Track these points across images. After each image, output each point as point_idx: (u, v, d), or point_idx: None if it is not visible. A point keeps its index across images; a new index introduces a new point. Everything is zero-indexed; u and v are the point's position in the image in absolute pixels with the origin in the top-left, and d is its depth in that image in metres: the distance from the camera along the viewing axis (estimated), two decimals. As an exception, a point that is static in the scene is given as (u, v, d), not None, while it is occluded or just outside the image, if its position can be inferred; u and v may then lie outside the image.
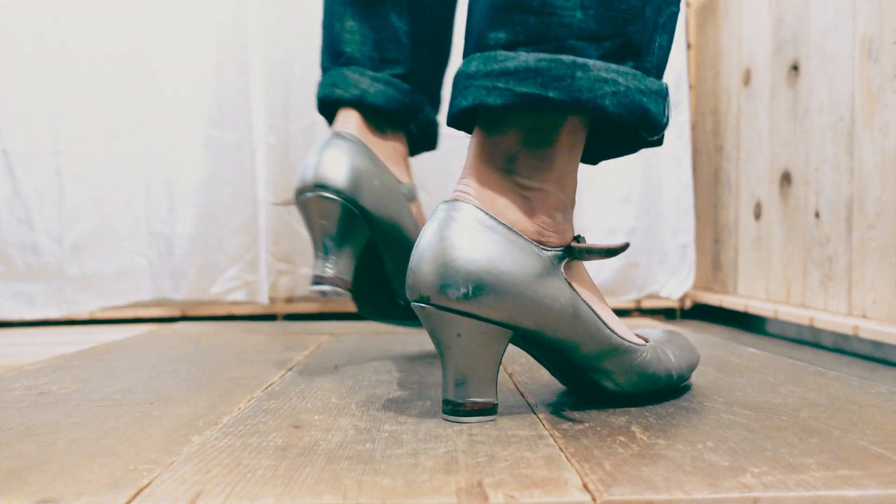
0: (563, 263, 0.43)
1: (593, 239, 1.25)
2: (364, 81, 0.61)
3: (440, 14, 0.66)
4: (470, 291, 0.40)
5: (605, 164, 0.54)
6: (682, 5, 1.28)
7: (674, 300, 1.29)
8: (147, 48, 1.16)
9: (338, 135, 0.59)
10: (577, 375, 0.47)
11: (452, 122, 0.46)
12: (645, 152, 1.25)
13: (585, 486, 0.31)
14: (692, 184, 1.29)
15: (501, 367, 0.63)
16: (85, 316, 1.19)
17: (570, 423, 0.42)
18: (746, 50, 1.14)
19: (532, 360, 0.66)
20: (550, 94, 0.40)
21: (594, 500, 0.29)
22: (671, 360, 0.49)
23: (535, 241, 0.43)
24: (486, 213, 0.42)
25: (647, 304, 1.28)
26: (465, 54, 0.45)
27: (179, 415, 0.45)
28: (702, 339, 0.81)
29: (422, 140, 0.68)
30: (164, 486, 0.31)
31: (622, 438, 0.38)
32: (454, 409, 0.42)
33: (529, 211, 0.43)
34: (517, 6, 0.41)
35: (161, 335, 0.91)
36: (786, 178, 1.02)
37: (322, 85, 0.64)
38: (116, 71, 1.16)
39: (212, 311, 1.21)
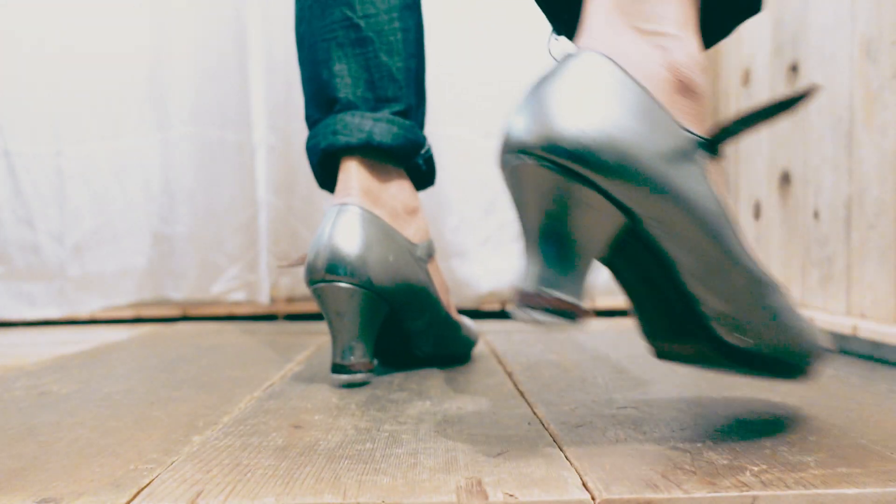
0: (707, 157, 0.34)
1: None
2: (367, 123, 0.58)
3: (419, 47, 0.64)
4: (588, 152, 0.31)
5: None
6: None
7: (674, 300, 1.29)
8: (147, 48, 1.16)
9: (344, 210, 0.56)
10: (676, 308, 0.36)
11: None
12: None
13: (585, 485, 0.31)
14: (692, 184, 1.29)
15: (502, 367, 0.63)
16: (86, 316, 1.19)
17: (569, 422, 0.42)
18: (746, 50, 1.14)
19: (531, 360, 0.66)
20: None
21: (593, 498, 0.29)
22: (805, 322, 0.37)
23: (671, 113, 0.34)
24: (617, 65, 0.33)
25: (646, 304, 1.28)
26: None
27: (179, 415, 0.45)
28: (701, 339, 0.81)
29: (427, 175, 0.65)
30: (164, 485, 0.31)
31: (621, 437, 0.39)
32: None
33: (668, 65, 0.35)
34: None
35: (161, 335, 0.91)
36: (785, 179, 1.03)
37: (320, 135, 0.60)
38: (117, 71, 1.16)
39: (212, 311, 1.21)
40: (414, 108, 0.63)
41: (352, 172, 0.58)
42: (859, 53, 0.85)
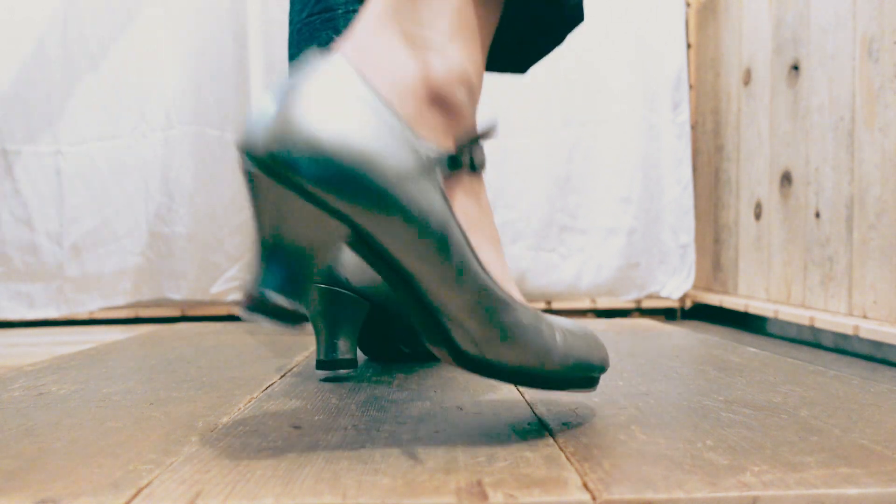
0: (444, 170, 0.34)
1: (592, 241, 1.25)
2: None
3: None
4: (315, 168, 0.30)
5: (604, 164, 0.54)
6: (682, 5, 1.28)
7: (674, 300, 1.29)
8: (147, 48, 1.16)
9: None
10: (423, 316, 0.36)
11: None
12: (645, 153, 1.25)
13: (585, 485, 0.31)
14: (692, 184, 1.29)
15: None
16: (85, 316, 1.19)
17: (570, 422, 0.42)
18: (746, 50, 1.14)
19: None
20: None
21: (594, 499, 0.29)
22: (556, 341, 0.38)
23: (412, 127, 0.33)
24: (355, 70, 0.33)
25: (647, 304, 1.28)
26: None
27: (179, 415, 0.45)
28: (702, 339, 0.81)
29: None
30: (163, 486, 0.31)
31: (622, 437, 0.38)
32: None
33: (422, 76, 0.34)
34: None
35: (161, 335, 0.90)
36: (786, 178, 1.02)
37: None
38: (117, 71, 1.16)
39: (212, 311, 1.21)
40: None
41: None
42: (860, 53, 0.85)
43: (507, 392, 0.51)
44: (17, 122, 1.15)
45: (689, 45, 1.33)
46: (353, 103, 0.31)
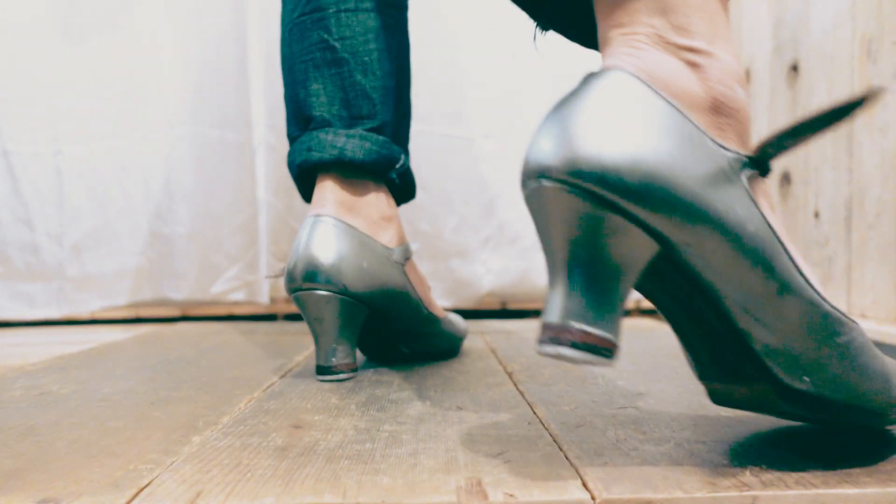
0: (750, 176, 0.32)
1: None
2: (339, 140, 0.60)
3: (400, 65, 0.65)
4: (616, 179, 0.29)
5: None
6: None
7: (674, 300, 1.29)
8: (147, 48, 1.16)
9: (318, 221, 0.58)
10: (726, 347, 0.32)
11: None
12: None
13: (585, 485, 0.31)
14: (692, 184, 1.29)
15: (502, 367, 0.63)
16: (85, 316, 1.19)
17: (570, 422, 0.42)
18: (746, 50, 1.14)
19: (531, 359, 0.66)
20: None
21: (594, 498, 0.29)
22: (887, 367, 0.33)
23: (709, 134, 0.32)
24: (646, 84, 0.31)
25: (647, 304, 1.28)
26: None
27: (179, 415, 0.45)
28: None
29: (403, 190, 0.66)
30: (164, 486, 0.31)
31: (622, 437, 0.39)
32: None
33: (701, 82, 0.33)
34: None
35: (161, 335, 0.91)
36: (785, 178, 1.02)
37: (296, 152, 0.62)
38: (117, 71, 1.16)
39: (212, 311, 1.21)
40: (390, 124, 0.64)
41: (327, 185, 0.61)
42: (860, 53, 0.85)
43: (507, 392, 0.51)
44: (17, 122, 1.15)
45: (688, 46, 1.33)
46: (651, 114, 0.30)
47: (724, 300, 0.31)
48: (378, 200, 0.62)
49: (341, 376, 0.57)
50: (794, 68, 1.00)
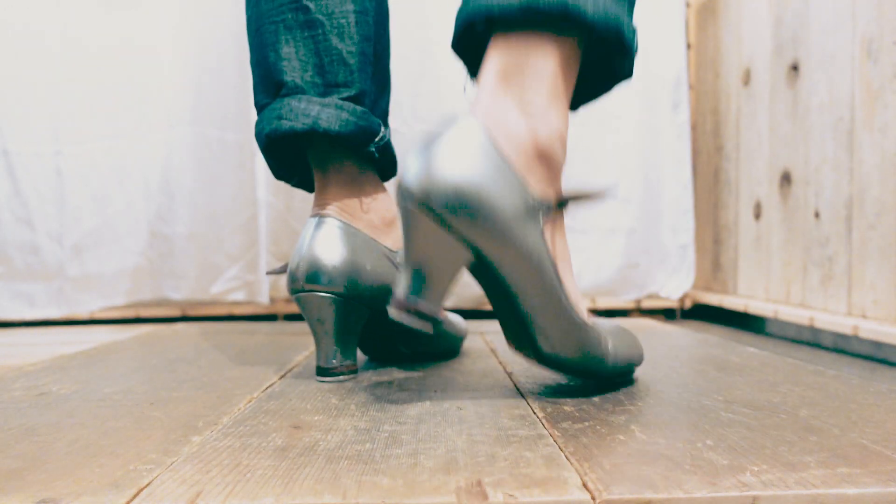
0: (545, 213, 0.44)
1: (592, 241, 1.25)
2: (313, 108, 0.56)
3: (379, 31, 0.61)
4: (451, 203, 0.41)
5: (604, 164, 0.55)
6: (682, 5, 1.28)
7: (674, 300, 1.29)
8: (148, 48, 1.16)
9: (322, 222, 0.57)
10: (516, 325, 0.47)
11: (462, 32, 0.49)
12: (645, 153, 1.25)
13: (585, 485, 0.31)
14: (692, 184, 1.30)
15: (502, 367, 0.63)
16: (85, 316, 1.19)
17: (570, 422, 0.42)
18: (746, 50, 1.14)
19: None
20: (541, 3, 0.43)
21: (594, 498, 0.29)
22: (609, 348, 0.49)
23: (523, 177, 0.43)
24: (486, 134, 0.43)
25: (647, 304, 1.28)
26: None
27: (179, 415, 0.45)
28: (702, 339, 0.81)
29: (383, 165, 0.63)
30: (163, 486, 0.31)
31: (621, 437, 0.39)
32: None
33: (534, 136, 0.44)
34: None
35: (161, 335, 0.91)
36: (786, 179, 1.02)
37: (265, 120, 0.58)
38: (117, 71, 1.16)
39: (212, 311, 1.21)
40: (369, 93, 0.60)
41: (328, 184, 0.59)
42: (860, 53, 0.85)
43: (507, 392, 0.51)
44: (17, 122, 1.15)
45: (688, 46, 1.33)
46: (480, 155, 0.42)
47: (518, 298, 0.44)
48: (378, 201, 0.61)
49: (341, 377, 0.57)
50: (794, 68, 1.00)
